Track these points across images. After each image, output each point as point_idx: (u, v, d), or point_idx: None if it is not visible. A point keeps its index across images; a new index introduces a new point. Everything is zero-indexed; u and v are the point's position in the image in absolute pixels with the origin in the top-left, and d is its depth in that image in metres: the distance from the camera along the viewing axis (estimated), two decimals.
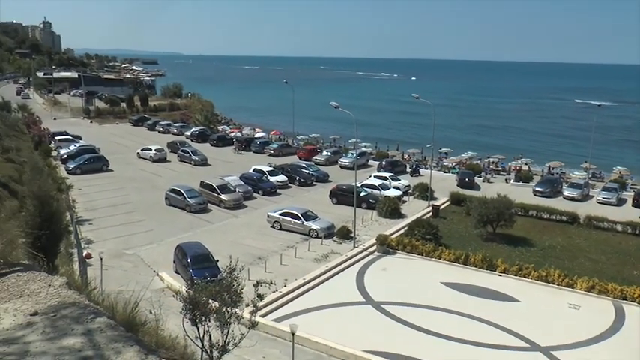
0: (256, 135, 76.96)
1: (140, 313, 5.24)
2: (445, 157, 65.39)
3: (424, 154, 66.62)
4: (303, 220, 35.51)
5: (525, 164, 61.86)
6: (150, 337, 4.82)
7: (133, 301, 5.10)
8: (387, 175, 50.00)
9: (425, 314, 25.12)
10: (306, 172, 51.51)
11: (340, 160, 59.21)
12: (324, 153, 61.69)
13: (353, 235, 34.32)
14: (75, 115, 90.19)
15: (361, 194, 40.98)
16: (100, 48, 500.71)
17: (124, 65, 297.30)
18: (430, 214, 40.63)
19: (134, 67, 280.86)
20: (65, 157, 53.83)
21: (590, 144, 55.22)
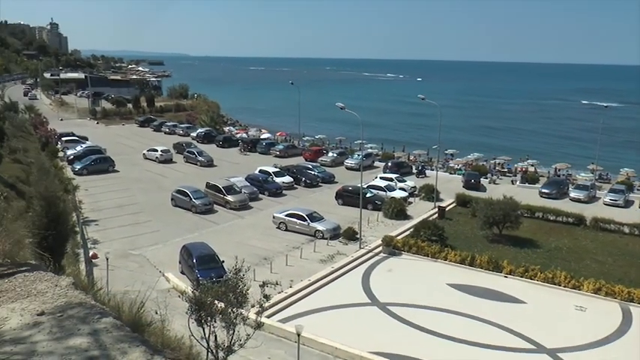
0: (262, 136, 76.97)
1: (146, 313, 5.24)
2: (451, 159, 65.19)
3: (430, 155, 66.47)
4: (308, 221, 35.51)
5: (531, 165, 61.50)
6: (156, 337, 4.82)
7: (138, 302, 5.10)
8: (392, 177, 49.98)
9: (431, 316, 25.06)
10: (312, 173, 51.52)
11: (346, 161, 59.23)
12: (329, 154, 61.65)
13: (359, 237, 34.29)
14: (81, 116, 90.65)
15: (367, 195, 40.87)
16: (107, 49, 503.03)
17: (130, 66, 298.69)
18: (436, 215, 40.61)
19: (140, 68, 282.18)
20: (72, 157, 54.14)
21: (597, 145, 54.98)
